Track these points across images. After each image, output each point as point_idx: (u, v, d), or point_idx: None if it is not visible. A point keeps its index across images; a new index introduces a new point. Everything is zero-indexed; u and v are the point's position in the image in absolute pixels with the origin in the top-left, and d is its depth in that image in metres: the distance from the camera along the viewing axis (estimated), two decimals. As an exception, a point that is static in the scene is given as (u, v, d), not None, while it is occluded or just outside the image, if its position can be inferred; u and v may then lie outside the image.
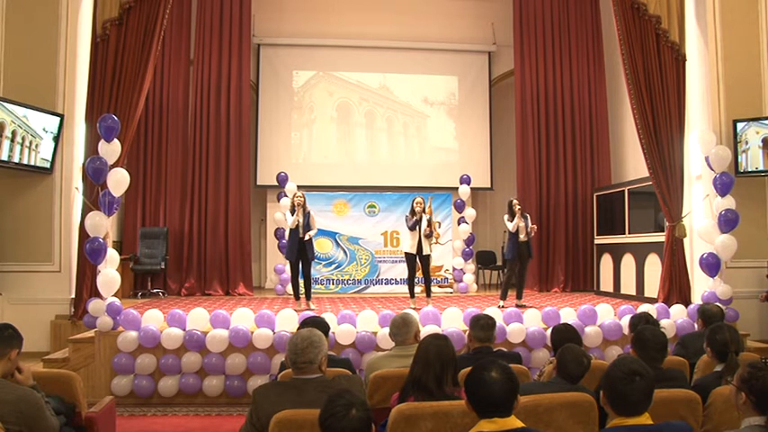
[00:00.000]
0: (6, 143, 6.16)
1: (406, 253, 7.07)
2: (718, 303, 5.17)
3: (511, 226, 6.91)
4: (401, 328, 3.39)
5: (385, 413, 2.53)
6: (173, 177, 9.22)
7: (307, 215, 6.69)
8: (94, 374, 5.28)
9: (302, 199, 6.72)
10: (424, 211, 6.92)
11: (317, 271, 8.66)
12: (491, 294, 8.86)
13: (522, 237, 6.91)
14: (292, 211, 6.71)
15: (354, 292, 8.90)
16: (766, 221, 7.06)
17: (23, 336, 2.76)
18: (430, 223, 6.90)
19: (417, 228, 6.83)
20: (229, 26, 9.52)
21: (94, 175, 5.78)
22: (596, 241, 9.28)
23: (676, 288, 6.76)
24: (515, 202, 7.04)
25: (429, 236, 6.92)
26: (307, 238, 6.61)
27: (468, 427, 2.05)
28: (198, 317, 5.41)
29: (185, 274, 9.02)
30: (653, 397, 2.10)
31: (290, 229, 6.72)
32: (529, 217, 7.19)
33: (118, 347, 5.24)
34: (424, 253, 6.89)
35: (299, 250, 6.68)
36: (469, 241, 9.58)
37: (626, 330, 5.29)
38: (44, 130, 6.46)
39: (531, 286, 9.47)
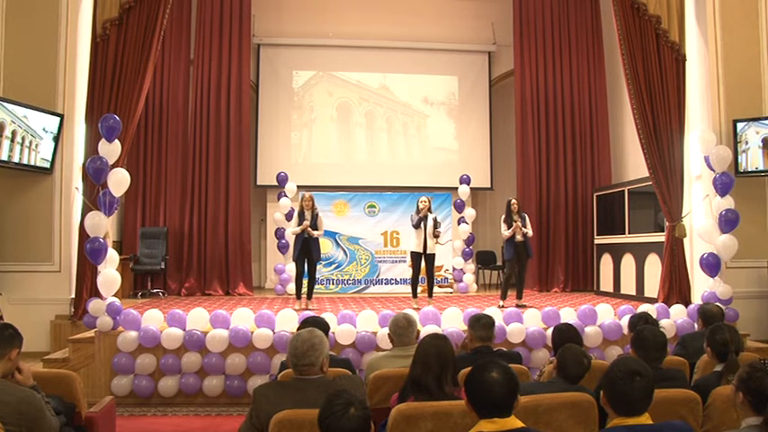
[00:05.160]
0: (6, 143, 6.16)
1: (411, 252, 7.08)
2: (718, 303, 5.17)
3: (507, 233, 6.90)
4: (406, 329, 3.39)
5: (385, 413, 2.53)
6: (173, 177, 9.22)
7: (314, 216, 6.72)
8: (94, 374, 5.27)
9: (310, 202, 6.77)
10: (429, 210, 6.92)
11: (317, 271, 8.65)
12: (491, 294, 8.87)
13: (518, 237, 6.91)
14: (300, 214, 6.73)
15: (354, 292, 8.90)
16: (766, 221, 7.06)
17: (23, 336, 2.76)
18: (436, 222, 6.91)
19: (422, 225, 6.84)
20: (229, 26, 9.52)
21: (95, 175, 5.78)
22: (596, 241, 9.28)
23: (676, 288, 6.76)
24: (513, 201, 7.04)
25: (436, 236, 6.93)
26: (307, 235, 6.62)
27: (469, 427, 2.05)
28: (198, 317, 5.41)
29: (185, 274, 9.02)
30: (653, 397, 2.10)
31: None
32: (527, 216, 7.19)
33: (118, 347, 5.24)
34: (428, 252, 6.90)
35: (305, 251, 6.70)
36: (469, 241, 9.58)
37: (626, 330, 5.29)
38: (44, 130, 6.46)
39: (531, 286, 9.47)
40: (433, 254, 7.01)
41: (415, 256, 7.00)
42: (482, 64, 10.69)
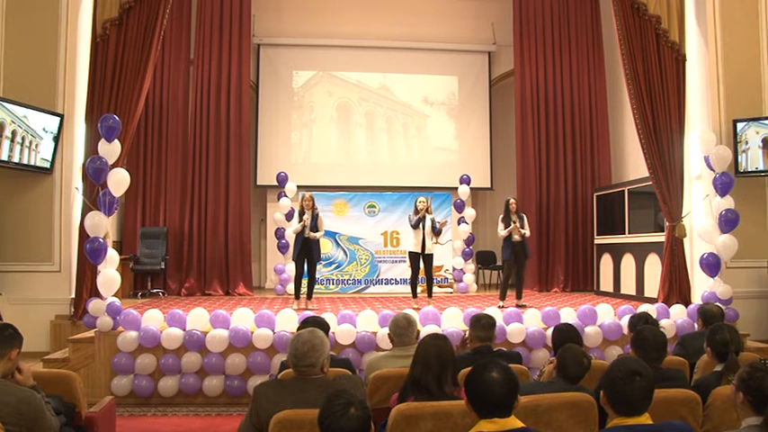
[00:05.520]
0: (6, 143, 6.16)
1: (409, 252, 7.09)
2: (718, 303, 5.17)
3: (503, 233, 6.91)
4: (406, 329, 3.39)
5: (385, 413, 2.53)
6: (173, 177, 9.22)
7: (315, 217, 6.73)
8: (94, 374, 5.27)
9: (310, 202, 6.77)
10: (427, 210, 6.94)
11: (317, 271, 8.66)
12: (491, 294, 8.86)
13: (516, 237, 6.91)
14: (301, 214, 6.75)
15: (354, 292, 8.90)
16: (766, 221, 7.06)
17: (23, 336, 2.76)
18: (434, 223, 6.92)
19: (421, 226, 6.85)
20: (229, 26, 9.52)
21: (95, 175, 5.78)
22: (596, 241, 9.28)
23: (676, 288, 6.76)
24: (512, 201, 7.04)
25: (439, 233, 6.96)
26: (307, 235, 6.63)
27: (469, 427, 2.05)
28: (198, 317, 5.41)
29: (185, 274, 9.02)
30: (653, 397, 2.10)
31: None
32: (525, 217, 7.18)
33: (118, 347, 5.24)
34: (427, 252, 6.91)
35: (305, 250, 6.70)
36: (469, 241, 9.58)
37: (626, 330, 5.29)
38: (44, 130, 6.46)
39: (531, 286, 9.47)
40: (431, 254, 7.01)
41: (413, 257, 7.01)
42: (482, 64, 10.69)
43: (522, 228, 6.95)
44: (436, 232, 6.94)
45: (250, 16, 9.71)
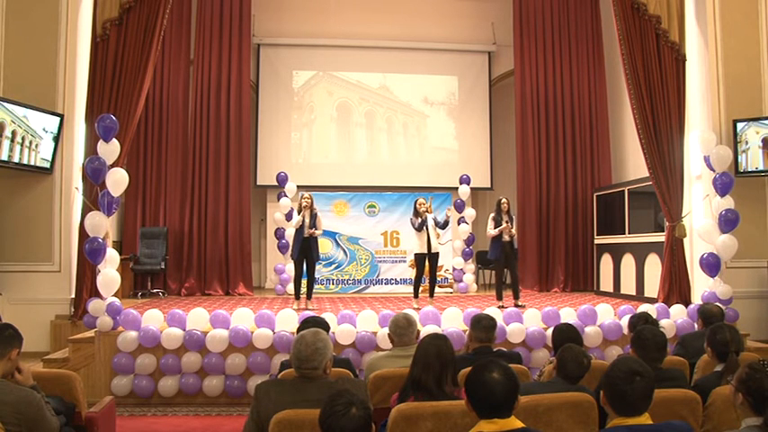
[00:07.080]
0: (6, 143, 6.16)
1: (416, 254, 7.10)
2: (718, 303, 5.16)
3: (494, 232, 6.89)
4: (406, 329, 3.38)
5: (385, 413, 2.53)
6: (173, 177, 9.22)
7: (313, 216, 6.75)
8: (94, 374, 5.27)
9: (309, 201, 6.80)
10: (426, 210, 6.96)
11: (317, 271, 8.65)
12: (491, 294, 8.85)
13: (505, 237, 6.91)
14: (300, 213, 6.79)
15: (354, 292, 8.90)
16: (766, 221, 7.06)
17: (23, 336, 2.76)
18: (436, 221, 6.96)
19: (425, 228, 6.86)
20: (229, 26, 9.52)
21: (93, 175, 5.78)
22: (596, 241, 9.28)
23: (676, 288, 6.76)
24: (504, 201, 7.03)
25: (445, 225, 7.08)
26: (307, 234, 6.64)
27: (468, 427, 2.05)
28: (198, 317, 5.41)
29: (185, 274, 9.02)
30: (653, 397, 2.10)
31: (296, 229, 6.77)
32: (514, 218, 7.19)
33: (118, 347, 5.24)
34: (433, 251, 6.95)
35: (305, 250, 6.71)
36: (469, 241, 9.58)
37: (626, 330, 5.29)
38: (44, 130, 6.46)
39: (531, 286, 9.48)
40: (437, 253, 7.08)
41: (420, 258, 7.03)
42: (482, 64, 10.69)
43: (510, 229, 6.96)
44: (442, 226, 7.04)
45: (250, 16, 9.71)
